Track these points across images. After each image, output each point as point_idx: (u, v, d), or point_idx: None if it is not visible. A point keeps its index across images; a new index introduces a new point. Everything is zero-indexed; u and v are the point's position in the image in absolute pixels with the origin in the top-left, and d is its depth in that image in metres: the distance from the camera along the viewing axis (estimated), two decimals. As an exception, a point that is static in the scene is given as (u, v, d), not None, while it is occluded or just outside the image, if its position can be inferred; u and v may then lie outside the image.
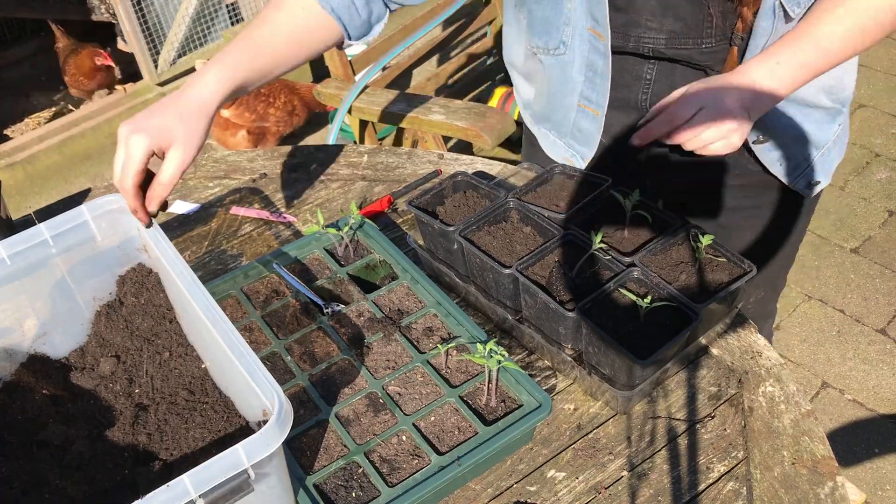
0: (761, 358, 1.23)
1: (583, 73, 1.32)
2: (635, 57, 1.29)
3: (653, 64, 1.29)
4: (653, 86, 1.32)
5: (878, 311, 2.76)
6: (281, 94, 3.42)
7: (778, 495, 1.05)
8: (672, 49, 1.24)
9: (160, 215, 1.57)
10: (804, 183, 1.39)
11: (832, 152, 1.40)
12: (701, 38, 1.21)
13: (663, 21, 1.22)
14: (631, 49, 1.27)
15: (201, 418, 1.08)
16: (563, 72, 1.34)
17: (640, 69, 1.30)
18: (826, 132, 1.36)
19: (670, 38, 1.23)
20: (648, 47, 1.25)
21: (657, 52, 1.25)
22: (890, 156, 3.41)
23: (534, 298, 1.15)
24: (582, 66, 1.31)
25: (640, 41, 1.25)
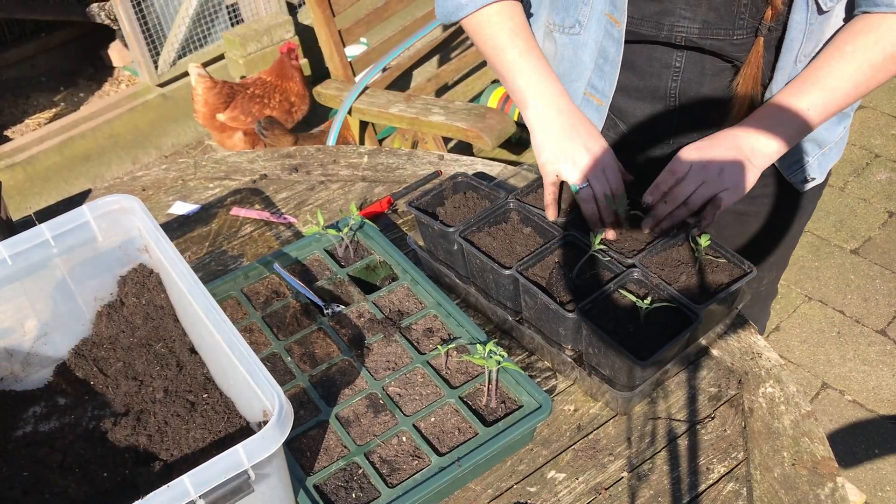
0: (761, 359, 1.23)
1: (594, 59, 1.32)
2: (665, 46, 1.29)
3: (682, 53, 1.29)
4: (682, 73, 1.31)
5: (878, 312, 2.76)
6: (276, 94, 3.41)
7: (778, 496, 1.05)
8: (705, 39, 1.24)
9: (160, 216, 1.57)
10: (800, 178, 1.41)
11: (833, 152, 1.41)
12: (733, 28, 1.22)
13: (697, 10, 1.21)
14: (663, 38, 1.26)
15: (202, 419, 1.08)
16: (575, 53, 1.34)
17: (670, 58, 1.30)
18: (832, 133, 1.37)
19: (704, 27, 1.23)
20: (681, 36, 1.25)
21: (689, 41, 1.25)
22: (890, 156, 3.41)
23: (534, 299, 1.15)
24: (594, 50, 1.31)
25: (674, 30, 1.25)
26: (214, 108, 3.31)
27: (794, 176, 1.40)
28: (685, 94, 1.32)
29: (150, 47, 3.75)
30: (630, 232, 1.25)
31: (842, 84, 1.17)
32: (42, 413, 1.16)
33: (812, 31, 1.19)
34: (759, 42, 1.21)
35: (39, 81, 4.18)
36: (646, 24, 1.26)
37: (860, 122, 3.61)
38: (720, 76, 1.29)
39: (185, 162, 1.75)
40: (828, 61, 1.18)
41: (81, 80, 4.22)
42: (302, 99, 3.46)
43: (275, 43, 3.93)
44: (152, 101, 3.84)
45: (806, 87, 1.19)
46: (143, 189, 1.67)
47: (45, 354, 1.20)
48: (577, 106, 1.37)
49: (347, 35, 2.64)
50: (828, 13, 1.17)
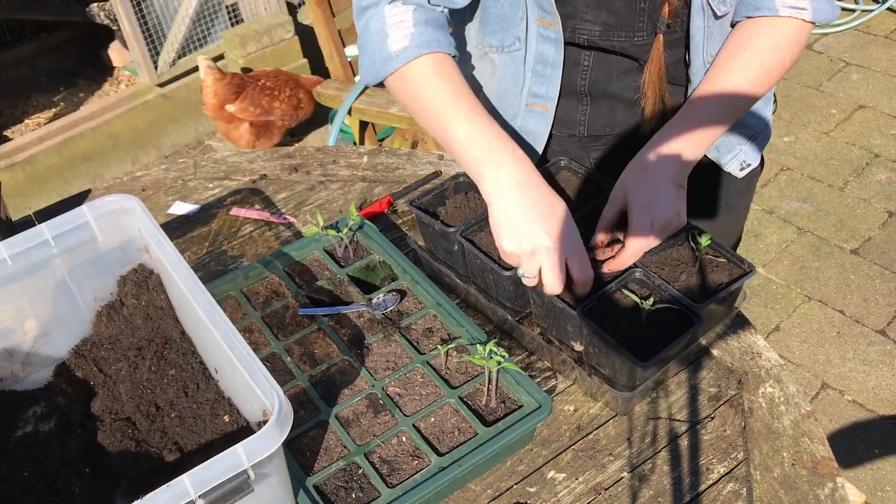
0: (761, 359, 1.23)
1: (531, 68, 1.33)
2: (572, 46, 1.32)
3: (589, 52, 1.33)
4: (590, 72, 1.35)
5: (877, 312, 2.76)
6: (286, 88, 3.42)
7: (778, 496, 1.05)
8: (606, 41, 1.28)
9: (160, 216, 1.57)
10: (736, 165, 1.43)
11: (762, 135, 1.45)
12: (633, 31, 1.26)
13: (598, 14, 1.25)
14: (567, 39, 1.30)
15: (201, 419, 1.08)
16: (516, 68, 1.35)
17: (578, 56, 1.34)
18: (758, 119, 1.41)
19: (604, 30, 1.26)
20: (584, 38, 1.28)
21: (592, 42, 1.29)
22: (889, 157, 3.41)
23: (540, 297, 1.16)
24: (531, 60, 1.32)
25: (576, 31, 1.28)
26: (224, 100, 3.31)
27: (730, 165, 1.43)
28: (594, 91, 1.37)
29: (149, 47, 3.75)
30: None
31: (742, 90, 1.22)
32: (42, 413, 1.16)
33: (712, 33, 1.25)
34: (658, 39, 1.25)
35: (39, 81, 4.18)
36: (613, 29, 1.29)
37: (860, 123, 3.61)
38: (627, 75, 1.34)
39: (184, 162, 1.75)
40: (727, 69, 1.22)
41: (81, 80, 4.22)
42: (309, 100, 3.47)
43: (275, 43, 3.93)
44: (152, 101, 3.84)
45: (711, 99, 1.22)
46: (143, 189, 1.67)
47: (45, 354, 1.20)
48: (520, 121, 1.40)
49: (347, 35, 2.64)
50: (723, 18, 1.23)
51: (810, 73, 3.95)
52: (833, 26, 4.22)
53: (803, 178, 3.37)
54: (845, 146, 3.50)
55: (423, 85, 1.19)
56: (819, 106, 3.75)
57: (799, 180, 3.35)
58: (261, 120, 3.38)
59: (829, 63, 4.02)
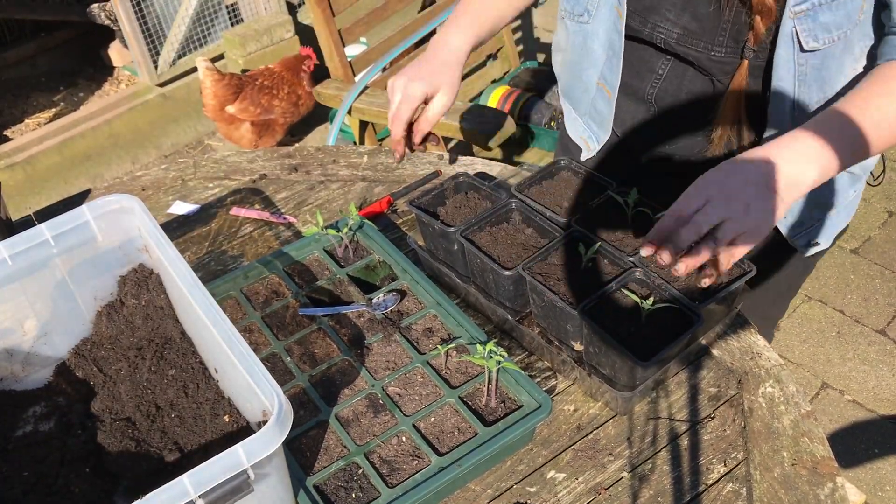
0: (761, 359, 1.23)
1: (605, 50, 1.31)
2: (651, 48, 1.28)
3: (668, 60, 1.28)
4: (662, 82, 1.30)
5: (877, 312, 2.76)
6: (284, 86, 3.42)
7: (778, 496, 1.05)
8: (682, 46, 1.22)
9: (160, 216, 1.57)
10: (804, 241, 1.35)
11: (840, 216, 1.35)
12: (713, 42, 1.18)
13: (681, 15, 1.20)
14: (646, 36, 1.26)
15: (201, 419, 1.08)
16: (585, 42, 1.32)
17: (655, 62, 1.29)
18: (841, 197, 1.31)
19: (683, 34, 1.21)
20: (661, 38, 1.23)
21: (668, 45, 1.24)
22: (890, 156, 3.41)
23: (541, 297, 1.16)
24: (605, 41, 1.30)
25: (655, 29, 1.23)
26: (224, 101, 3.31)
27: (798, 239, 1.35)
28: (660, 102, 1.32)
29: (149, 47, 3.75)
30: (633, 230, 1.25)
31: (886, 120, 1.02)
32: (42, 413, 1.16)
33: (805, 74, 1.12)
34: (743, 65, 1.17)
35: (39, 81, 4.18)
36: (635, 18, 1.25)
37: (860, 122, 3.61)
38: (700, 91, 1.27)
39: (184, 162, 1.75)
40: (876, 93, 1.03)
41: (81, 80, 4.22)
42: (308, 94, 3.47)
43: (275, 43, 3.93)
44: (152, 100, 3.84)
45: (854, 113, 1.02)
46: (143, 189, 1.67)
47: (44, 354, 1.20)
48: (592, 95, 1.40)
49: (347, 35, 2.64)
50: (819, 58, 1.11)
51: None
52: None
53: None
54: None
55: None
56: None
57: (799, 180, 3.35)
58: (261, 119, 3.38)
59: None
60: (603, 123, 1.40)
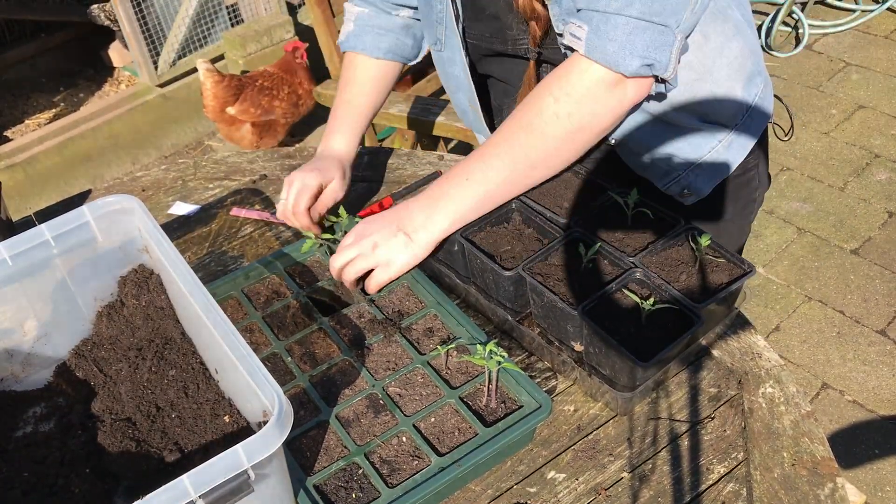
0: (761, 359, 1.23)
1: (463, 72, 1.39)
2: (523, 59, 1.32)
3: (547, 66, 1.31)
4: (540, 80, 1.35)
5: (877, 313, 2.76)
6: (284, 86, 3.42)
7: (778, 496, 1.05)
8: (546, 49, 1.26)
9: (160, 217, 1.57)
10: (676, 190, 1.38)
11: (710, 166, 1.37)
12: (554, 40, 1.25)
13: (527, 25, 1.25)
14: (511, 52, 1.31)
15: (201, 419, 1.08)
16: (444, 69, 1.42)
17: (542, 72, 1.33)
18: (698, 149, 1.34)
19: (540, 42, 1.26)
20: (523, 49, 1.29)
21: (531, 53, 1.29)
22: (889, 157, 3.41)
23: (541, 297, 1.16)
24: (461, 64, 1.37)
25: (517, 44, 1.29)
26: (224, 102, 3.31)
27: (669, 189, 1.38)
28: None
29: (149, 48, 3.75)
30: (633, 231, 1.25)
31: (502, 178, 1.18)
32: (42, 413, 1.16)
33: None
34: (530, 66, 1.27)
35: (39, 82, 4.18)
36: (496, 41, 1.30)
37: (860, 123, 3.61)
38: None
39: (184, 162, 1.75)
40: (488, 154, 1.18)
41: (81, 80, 4.22)
42: (308, 94, 3.47)
43: (275, 43, 3.93)
44: (152, 101, 3.84)
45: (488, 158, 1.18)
46: (143, 189, 1.67)
47: (45, 355, 1.20)
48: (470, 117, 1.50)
49: (347, 35, 2.64)
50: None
51: (810, 74, 3.96)
52: (833, 26, 4.22)
53: (803, 178, 3.37)
54: (845, 146, 3.50)
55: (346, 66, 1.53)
56: (819, 106, 3.75)
57: (799, 180, 3.35)
58: (262, 120, 3.39)
59: (829, 63, 4.02)
60: None
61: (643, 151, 1.34)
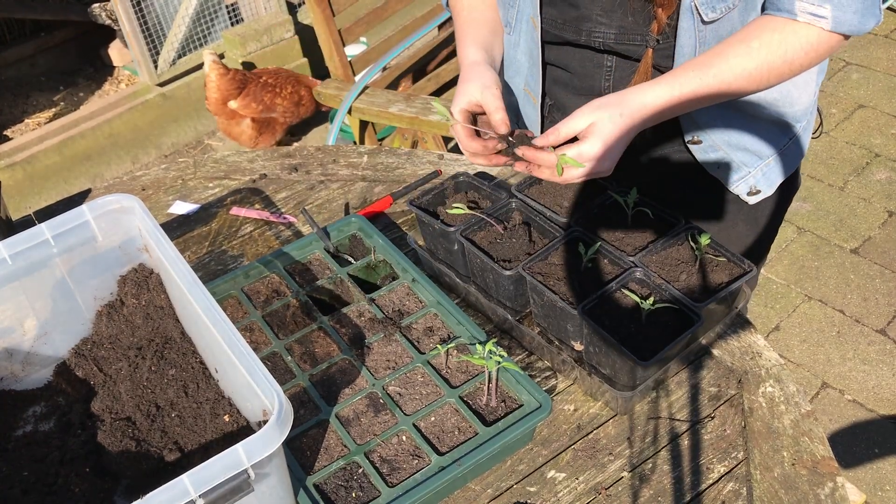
0: (761, 358, 1.23)
1: (526, 58, 1.37)
2: (589, 50, 1.31)
3: (611, 56, 1.31)
4: (614, 72, 1.33)
5: (877, 312, 2.76)
6: (287, 85, 3.43)
7: (778, 496, 1.05)
8: (622, 45, 1.26)
9: (160, 216, 1.57)
10: (744, 189, 1.39)
11: (778, 165, 1.39)
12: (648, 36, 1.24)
13: (613, 16, 1.24)
14: (584, 42, 1.29)
15: (201, 418, 1.08)
16: (508, 51, 1.40)
17: (601, 58, 1.33)
18: (771, 145, 1.36)
19: (620, 33, 1.25)
20: (599, 41, 1.28)
21: (607, 46, 1.28)
22: (890, 156, 3.41)
23: (541, 297, 1.16)
24: (525, 50, 1.35)
25: (592, 35, 1.27)
26: (227, 96, 3.32)
27: (737, 187, 1.39)
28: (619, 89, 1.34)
29: (149, 47, 3.75)
30: (633, 230, 1.25)
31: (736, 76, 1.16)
32: (42, 412, 1.16)
33: (705, 38, 1.20)
34: (648, 53, 1.24)
35: (39, 81, 4.18)
36: (567, 29, 1.29)
37: (860, 122, 3.61)
38: None
39: (184, 161, 1.75)
40: (729, 51, 1.16)
41: (81, 79, 4.22)
42: (310, 97, 3.48)
43: (275, 42, 3.93)
44: (152, 100, 3.84)
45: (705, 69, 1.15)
46: (143, 189, 1.67)
47: (44, 354, 1.20)
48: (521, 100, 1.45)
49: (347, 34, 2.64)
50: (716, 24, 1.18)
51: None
52: (833, 26, 4.22)
53: (803, 177, 3.36)
54: (845, 146, 3.50)
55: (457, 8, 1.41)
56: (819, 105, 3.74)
57: (799, 180, 3.35)
58: (263, 117, 3.39)
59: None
60: (532, 127, 1.45)
61: (723, 146, 1.34)
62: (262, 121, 3.41)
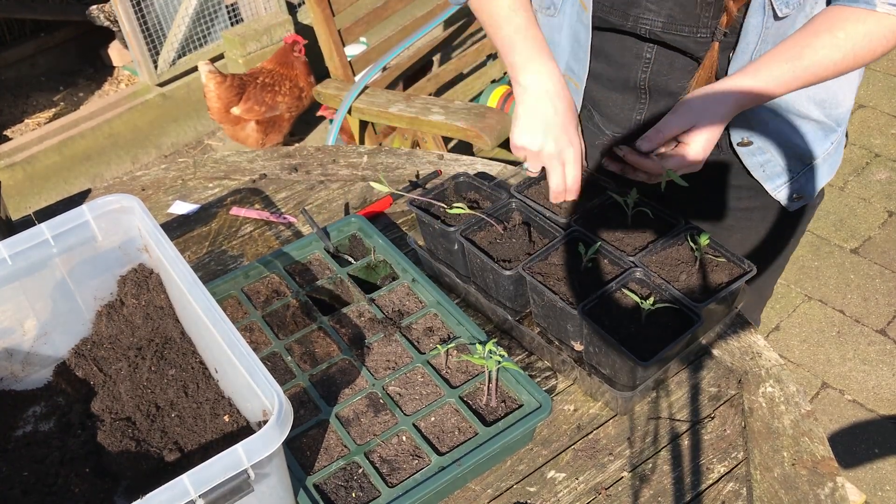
0: (761, 358, 1.23)
1: (570, 42, 1.35)
2: (634, 37, 1.30)
3: (651, 47, 1.29)
4: (652, 65, 1.31)
5: (877, 312, 2.76)
6: (285, 81, 3.42)
7: (778, 496, 1.05)
8: (668, 34, 1.24)
9: (160, 216, 1.57)
10: (787, 194, 1.39)
11: (821, 170, 1.39)
12: (697, 26, 1.22)
13: (663, 4, 1.22)
14: (629, 28, 1.27)
15: (201, 418, 1.08)
16: (552, 35, 1.37)
17: (640, 49, 1.31)
18: (816, 148, 1.36)
19: (668, 22, 1.23)
20: (646, 28, 1.26)
21: (654, 34, 1.26)
22: (889, 156, 3.41)
23: (541, 297, 1.16)
24: (569, 34, 1.34)
25: (639, 21, 1.25)
26: (228, 103, 3.31)
27: (779, 192, 1.38)
28: (654, 87, 1.34)
29: (149, 47, 3.74)
30: (633, 230, 1.25)
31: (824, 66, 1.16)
32: (42, 412, 1.16)
33: (768, 35, 1.19)
34: (714, 47, 1.22)
35: (39, 81, 4.18)
36: (614, 13, 1.27)
37: (860, 122, 3.61)
38: (687, 73, 1.29)
39: (184, 161, 1.75)
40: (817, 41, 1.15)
41: (81, 79, 4.22)
42: (310, 85, 3.47)
43: (275, 42, 3.93)
44: (152, 100, 3.84)
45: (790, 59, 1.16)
46: (143, 189, 1.67)
47: (44, 354, 1.20)
48: None
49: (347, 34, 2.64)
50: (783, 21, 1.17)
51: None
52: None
53: (803, 177, 3.37)
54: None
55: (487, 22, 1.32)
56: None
57: (799, 180, 3.35)
58: (266, 117, 3.39)
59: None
60: None
61: (768, 149, 1.34)
62: (267, 121, 3.41)
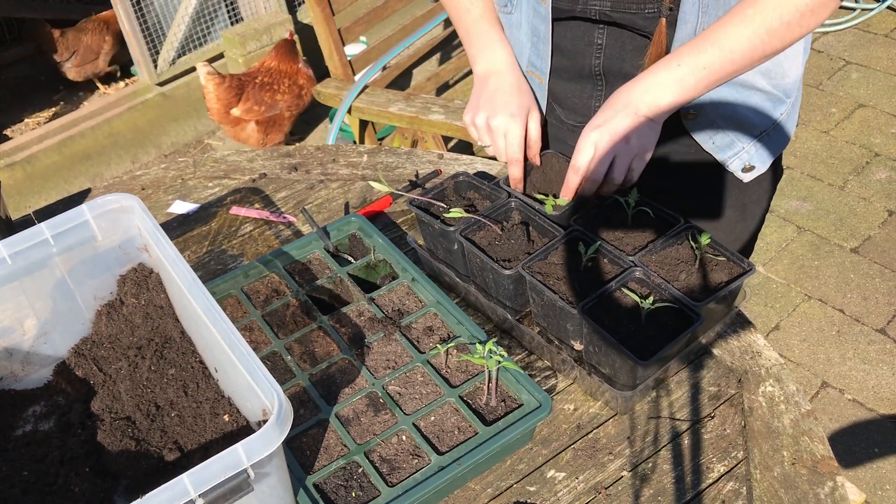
0: (761, 358, 1.23)
1: (529, 38, 1.37)
2: (585, 22, 1.31)
3: (602, 29, 1.31)
4: (605, 49, 1.33)
5: (877, 311, 2.76)
6: (284, 79, 3.42)
7: (778, 495, 1.05)
8: (618, 12, 1.26)
9: (160, 215, 1.57)
10: (738, 165, 1.40)
11: (771, 140, 1.41)
12: (644, 2, 1.24)
13: None
14: (579, 13, 1.29)
15: (201, 418, 1.08)
16: (511, 32, 1.40)
17: (591, 35, 1.32)
18: (764, 118, 1.37)
19: (616, 2, 1.25)
20: (595, 10, 1.27)
21: (604, 15, 1.27)
22: (890, 156, 3.41)
23: (540, 296, 1.16)
24: (528, 29, 1.36)
25: (588, 6, 1.27)
26: (228, 104, 3.30)
27: (731, 163, 1.40)
28: (609, 71, 1.35)
29: (149, 46, 3.75)
30: (633, 230, 1.25)
31: (739, 46, 1.16)
32: (42, 412, 1.16)
33: (707, 6, 1.21)
34: (661, 23, 1.24)
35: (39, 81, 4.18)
36: (563, 1, 1.28)
37: (860, 122, 3.61)
38: (640, 53, 1.31)
39: (184, 161, 1.75)
40: (728, 22, 1.17)
41: (81, 79, 4.21)
42: (309, 81, 3.46)
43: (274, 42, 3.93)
44: (152, 100, 3.84)
45: (704, 45, 1.18)
46: (143, 188, 1.67)
47: (44, 354, 1.20)
48: None
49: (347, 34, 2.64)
50: None
51: (810, 72, 3.95)
52: (833, 25, 4.22)
53: (803, 176, 3.37)
54: (845, 145, 3.50)
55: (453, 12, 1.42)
56: (819, 105, 3.75)
57: (799, 179, 3.35)
58: (266, 117, 3.38)
59: (829, 62, 4.02)
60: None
61: (718, 120, 1.35)
62: (267, 121, 3.40)
